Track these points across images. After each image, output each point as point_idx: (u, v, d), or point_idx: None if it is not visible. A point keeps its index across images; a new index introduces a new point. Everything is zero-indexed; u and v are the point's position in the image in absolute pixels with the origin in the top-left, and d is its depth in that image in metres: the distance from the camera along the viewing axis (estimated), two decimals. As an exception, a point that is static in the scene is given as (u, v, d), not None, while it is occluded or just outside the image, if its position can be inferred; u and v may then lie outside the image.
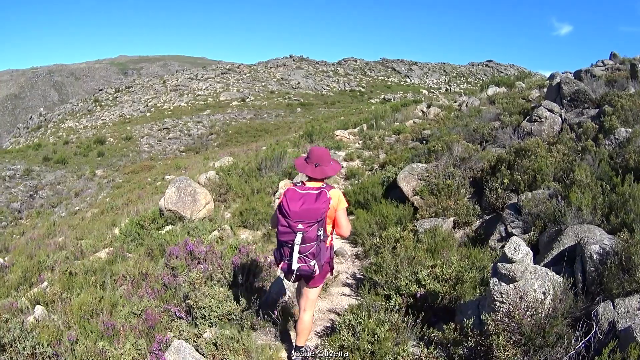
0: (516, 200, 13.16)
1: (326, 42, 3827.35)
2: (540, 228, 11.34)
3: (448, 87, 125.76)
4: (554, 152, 15.20)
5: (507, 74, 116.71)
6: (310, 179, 7.42)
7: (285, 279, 8.96)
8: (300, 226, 6.87)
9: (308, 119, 72.76)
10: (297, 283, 8.35)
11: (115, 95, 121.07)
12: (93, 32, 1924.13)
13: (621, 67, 26.31)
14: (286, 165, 23.69)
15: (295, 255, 6.98)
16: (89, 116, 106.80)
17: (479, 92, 42.98)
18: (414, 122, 36.52)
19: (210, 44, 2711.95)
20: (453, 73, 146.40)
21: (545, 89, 27.06)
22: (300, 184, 7.28)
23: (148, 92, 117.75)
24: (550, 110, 19.84)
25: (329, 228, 7.43)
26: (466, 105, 34.06)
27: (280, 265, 7.32)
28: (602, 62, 31.88)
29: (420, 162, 18.87)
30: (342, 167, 23.29)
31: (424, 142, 25.75)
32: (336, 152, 30.04)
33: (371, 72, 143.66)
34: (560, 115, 19.81)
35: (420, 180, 16.63)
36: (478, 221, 14.44)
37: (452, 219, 14.38)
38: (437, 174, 16.56)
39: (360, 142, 34.36)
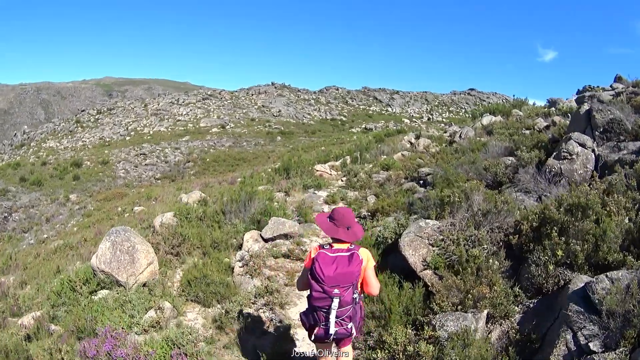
0: (580, 285, 8.48)
1: (308, 70, 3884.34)
2: (632, 341, 7.13)
3: (430, 116, 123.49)
4: (610, 205, 10.55)
5: (489, 102, 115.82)
6: (336, 240, 7.00)
7: (314, 343, 7.56)
8: (336, 291, 6.56)
9: (288, 148, 71.26)
10: (317, 347, 7.69)
11: (96, 117, 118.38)
12: (80, 52, 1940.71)
13: (638, 91, 22.52)
14: (255, 210, 19.23)
15: (333, 320, 6.65)
16: (70, 137, 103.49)
17: (471, 121, 40.41)
18: (402, 154, 32.54)
19: (194, 69, 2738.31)
20: (435, 102, 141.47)
21: (555, 117, 25.25)
22: (328, 246, 6.94)
23: (129, 115, 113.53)
24: (582, 145, 15.82)
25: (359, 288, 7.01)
26: (460, 137, 30.90)
27: (315, 331, 6.93)
28: (610, 86, 29.08)
29: (425, 214, 14.68)
30: (324, 211, 19.63)
31: (422, 182, 22.51)
32: (316, 191, 25.77)
33: (352, 101, 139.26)
34: (593, 151, 15.84)
35: (433, 245, 11.83)
36: (520, 311, 9.88)
37: (485, 311, 9.61)
38: (456, 237, 11.71)
39: (344, 178, 29.69)
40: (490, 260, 10.63)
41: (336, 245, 6.94)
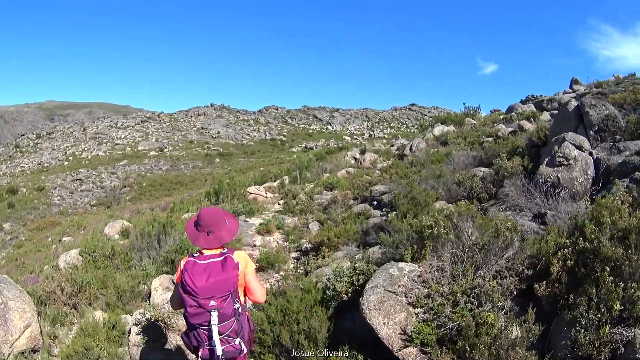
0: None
1: (248, 91, 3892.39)
2: None
3: (371, 133, 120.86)
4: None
5: (431, 117, 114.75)
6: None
7: None
8: (212, 303, 5.57)
9: (226, 170, 69.53)
10: None
11: (36, 142, 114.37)
12: (24, 75, 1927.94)
13: (604, 90, 22.65)
14: (170, 247, 15.53)
15: (216, 337, 5.58)
16: (9, 162, 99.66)
17: (419, 133, 39.34)
18: (347, 172, 29.88)
19: (134, 92, 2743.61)
20: (376, 118, 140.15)
21: (522, 122, 23.78)
22: (197, 253, 5.90)
23: (68, 140, 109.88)
24: (579, 148, 13.41)
25: (241, 297, 6.10)
26: (411, 149, 28.78)
27: (200, 354, 5.85)
28: (571, 88, 29.80)
29: (396, 254, 9.83)
30: (255, 245, 17.84)
31: (377, 203, 19.16)
32: (247, 219, 21.84)
33: (292, 120, 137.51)
34: (591, 154, 13.52)
35: (414, 306, 7.53)
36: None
37: None
38: (450, 290, 7.51)
39: (281, 201, 26.04)
40: (510, 327, 6.62)
41: (207, 252, 5.92)
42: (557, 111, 24.00)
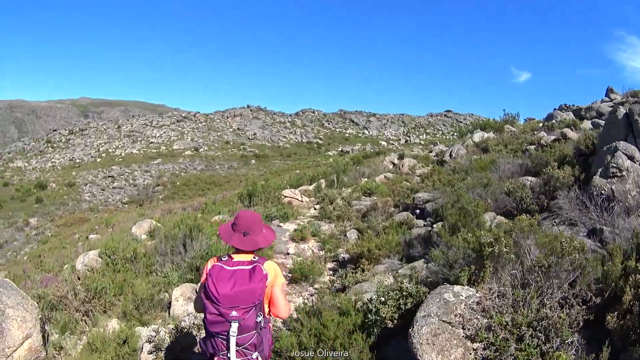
0: None
1: (285, 93, 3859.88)
2: None
3: (408, 139, 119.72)
4: None
5: (466, 124, 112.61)
6: (238, 250, 5.60)
7: None
8: (234, 313, 5.09)
9: (262, 172, 68.45)
10: None
11: (68, 137, 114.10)
12: (57, 71, 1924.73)
13: None
14: (196, 252, 14.25)
15: (233, 349, 5.17)
16: (39, 157, 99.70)
17: (458, 140, 37.79)
18: (385, 177, 29.04)
19: (170, 91, 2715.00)
20: (412, 124, 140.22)
21: (565, 129, 22.32)
22: (226, 257, 5.47)
23: (101, 137, 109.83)
24: (631, 158, 12.56)
25: (266, 308, 5.59)
26: (450, 155, 28.03)
27: None
28: (608, 97, 28.94)
29: (450, 274, 8.90)
30: (289, 253, 16.83)
31: (419, 212, 17.92)
32: (281, 224, 20.92)
33: (329, 124, 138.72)
34: None
35: (473, 340, 6.41)
36: None
37: None
38: (513, 322, 6.39)
39: (317, 206, 24.77)
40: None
41: (237, 257, 5.46)
42: (597, 119, 24.01)
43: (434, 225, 14.08)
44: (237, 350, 5.20)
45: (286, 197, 25.89)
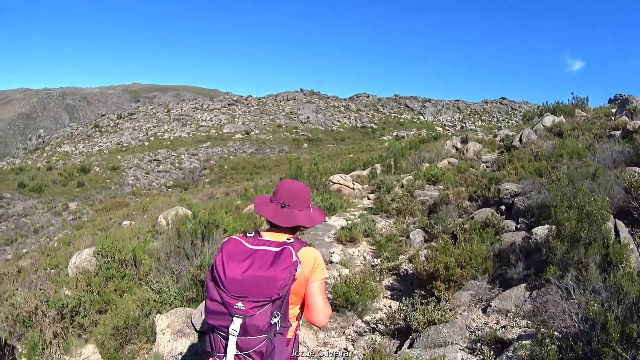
0: None
1: (339, 77, 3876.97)
2: None
3: (463, 125, 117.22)
4: None
5: (521, 111, 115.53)
6: (272, 226, 4.28)
7: None
8: (240, 305, 3.71)
9: (314, 155, 64.29)
10: None
11: (116, 122, 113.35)
12: (108, 58, 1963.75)
13: None
14: (203, 260, 10.59)
15: (231, 352, 3.79)
16: (86, 141, 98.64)
17: (525, 124, 33.32)
18: (449, 162, 25.44)
19: (223, 76, 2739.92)
20: (467, 110, 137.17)
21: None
22: (253, 233, 4.11)
23: (150, 120, 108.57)
24: None
25: (293, 311, 4.12)
26: (520, 140, 24.34)
27: None
28: None
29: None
30: (332, 261, 12.39)
31: (506, 208, 13.72)
32: (326, 219, 15.68)
33: (383, 109, 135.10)
34: None
35: None
36: None
37: None
38: None
39: (371, 195, 20.75)
40: None
41: (267, 235, 4.08)
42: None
43: (534, 231, 10.23)
44: (236, 355, 3.74)
45: (335, 183, 22.20)
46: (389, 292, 10.38)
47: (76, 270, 12.33)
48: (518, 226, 11.80)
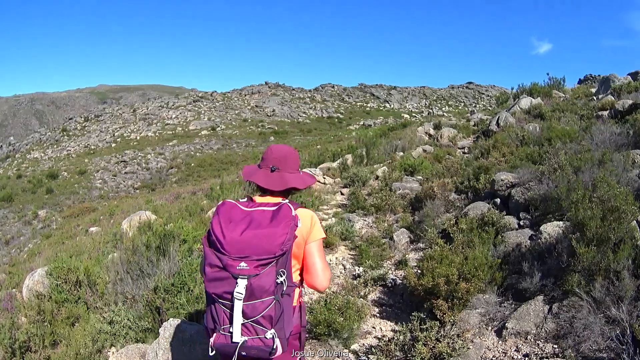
0: None
1: (303, 68, 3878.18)
2: None
3: (430, 111, 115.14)
4: None
5: (489, 95, 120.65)
6: (263, 192, 4.10)
7: None
8: (243, 265, 3.40)
9: None
10: None
11: (83, 125, 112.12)
12: (75, 61, 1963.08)
13: None
14: (159, 281, 8.75)
15: (238, 320, 3.41)
16: (55, 146, 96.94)
17: (499, 106, 33.40)
18: (424, 150, 24.27)
19: (187, 73, 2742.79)
20: (433, 96, 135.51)
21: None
22: (245, 199, 3.92)
23: (117, 122, 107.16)
24: None
25: (295, 274, 3.88)
26: (497, 124, 23.53)
27: (212, 340, 3.60)
28: None
29: None
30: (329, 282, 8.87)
31: (501, 201, 12.01)
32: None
33: (349, 98, 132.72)
34: None
35: None
36: None
37: None
38: None
39: (345, 190, 19.14)
40: None
41: (260, 200, 3.94)
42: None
43: (542, 229, 8.75)
44: (243, 324, 3.38)
45: None
46: (376, 309, 8.70)
47: (29, 294, 11.03)
48: (521, 223, 10.25)
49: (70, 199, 52.01)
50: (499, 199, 11.80)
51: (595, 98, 23.77)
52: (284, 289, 3.50)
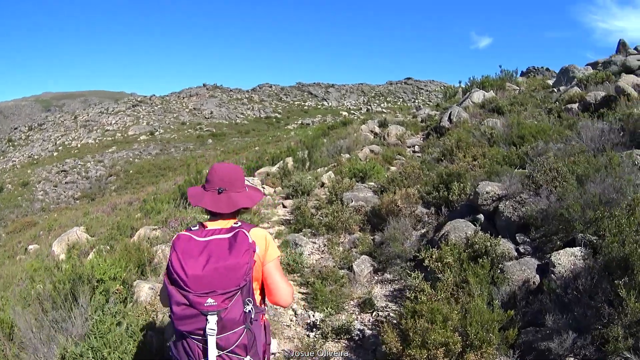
0: None
1: (242, 69, 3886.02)
2: None
3: (369, 107, 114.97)
4: None
5: (428, 90, 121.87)
6: (213, 215, 3.86)
7: None
8: (210, 301, 3.31)
9: (218, 152, 63.19)
10: None
11: (27, 134, 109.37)
12: (20, 69, 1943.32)
13: None
14: (64, 347, 6.29)
15: (213, 354, 3.33)
16: (1, 157, 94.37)
17: (448, 101, 32.46)
18: (371, 150, 22.05)
19: (128, 78, 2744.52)
20: (371, 93, 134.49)
21: (621, 82, 17.08)
22: (197, 226, 3.75)
23: (59, 129, 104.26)
24: None
25: (256, 297, 3.73)
26: (450, 120, 22.05)
27: None
28: (623, 52, 25.81)
29: None
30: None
31: (486, 217, 9.48)
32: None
33: (287, 98, 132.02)
34: None
35: None
36: None
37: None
38: None
39: (288, 203, 16.23)
40: None
41: (212, 225, 3.70)
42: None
43: (554, 260, 6.43)
44: (218, 356, 3.33)
45: None
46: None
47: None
48: (520, 249, 7.84)
49: (14, 212, 49.54)
50: (482, 215, 9.36)
51: (556, 90, 22.48)
52: (252, 316, 3.41)
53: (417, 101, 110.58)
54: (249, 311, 3.38)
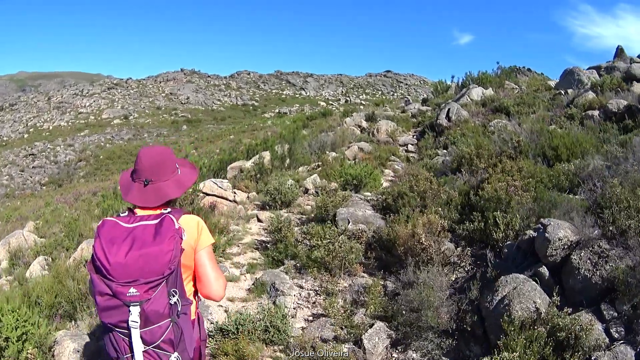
0: None
1: (220, 55, 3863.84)
2: None
3: (347, 99, 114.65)
4: None
5: (407, 84, 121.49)
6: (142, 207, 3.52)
7: None
8: (133, 291, 3.06)
9: (192, 138, 61.44)
10: None
11: None
12: None
13: None
14: None
15: (138, 349, 3.11)
16: None
17: (439, 96, 31.08)
18: (359, 148, 19.92)
19: (105, 60, 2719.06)
20: (350, 84, 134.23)
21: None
22: (126, 213, 3.45)
23: (31, 110, 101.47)
24: None
25: (188, 288, 3.52)
26: (448, 117, 21.03)
27: None
28: (623, 58, 25.00)
29: None
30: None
31: (552, 274, 6.49)
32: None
33: (265, 86, 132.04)
34: None
35: None
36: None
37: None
38: None
39: (263, 215, 13.07)
40: None
41: (141, 212, 3.40)
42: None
43: None
44: (144, 351, 3.10)
45: (207, 194, 14.56)
46: None
47: None
48: (612, 332, 5.32)
49: (-22, 200, 47.65)
50: (545, 269, 6.57)
51: (563, 93, 20.81)
52: (179, 308, 3.18)
53: (396, 94, 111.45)
54: (175, 303, 3.12)
